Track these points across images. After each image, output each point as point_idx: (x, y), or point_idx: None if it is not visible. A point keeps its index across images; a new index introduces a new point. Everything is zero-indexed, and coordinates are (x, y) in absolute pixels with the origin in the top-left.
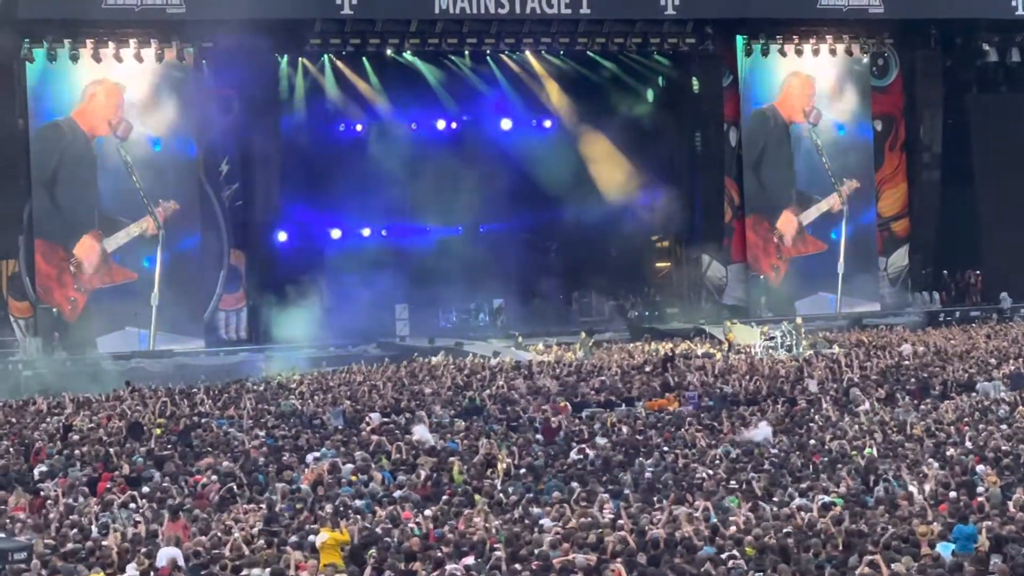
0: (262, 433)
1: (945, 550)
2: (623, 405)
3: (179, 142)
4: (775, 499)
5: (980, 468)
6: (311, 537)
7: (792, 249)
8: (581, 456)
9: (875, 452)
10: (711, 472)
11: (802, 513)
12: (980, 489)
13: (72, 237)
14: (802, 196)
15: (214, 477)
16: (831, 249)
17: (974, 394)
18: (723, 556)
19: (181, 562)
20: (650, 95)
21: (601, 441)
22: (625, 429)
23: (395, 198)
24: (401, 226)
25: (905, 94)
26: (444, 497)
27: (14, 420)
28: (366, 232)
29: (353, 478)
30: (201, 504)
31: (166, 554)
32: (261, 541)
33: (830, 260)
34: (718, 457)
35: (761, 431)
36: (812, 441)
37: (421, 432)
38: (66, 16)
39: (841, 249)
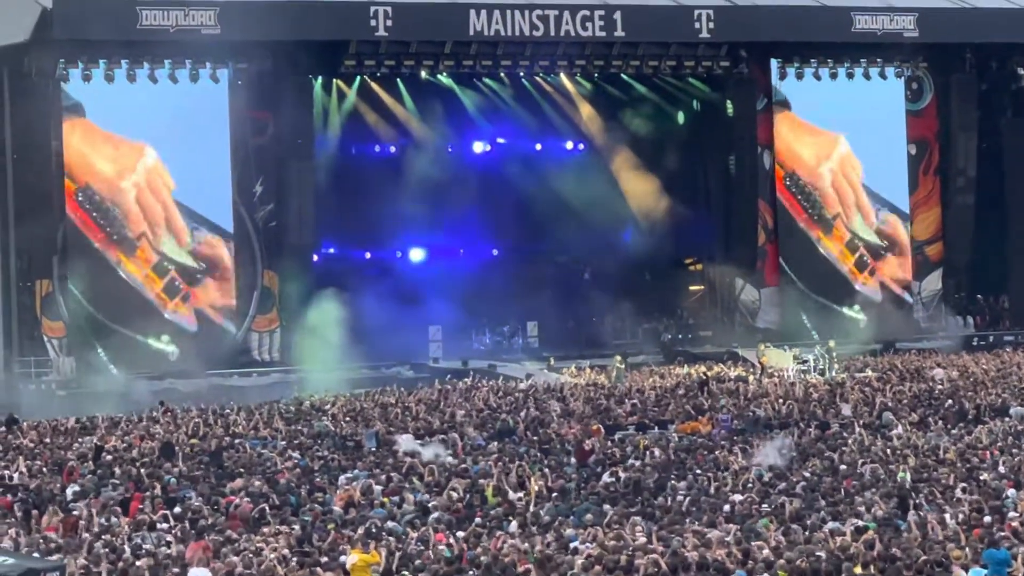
0: (295, 454)
1: (978, 575)
2: (656, 428)
3: (213, 163)
4: (807, 522)
5: (1012, 493)
6: (342, 558)
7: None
8: (613, 479)
9: (908, 476)
10: (743, 495)
11: (835, 537)
12: (1013, 514)
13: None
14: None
15: (247, 498)
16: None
17: (1007, 419)
18: None
19: None
20: (681, 117)
21: (634, 464)
22: (658, 452)
23: (429, 219)
24: (435, 247)
25: (939, 118)
26: (476, 519)
27: (47, 440)
28: (399, 253)
29: (385, 500)
30: (233, 525)
31: (195, 575)
32: (293, 562)
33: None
34: (750, 480)
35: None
36: (845, 465)
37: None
38: (101, 37)
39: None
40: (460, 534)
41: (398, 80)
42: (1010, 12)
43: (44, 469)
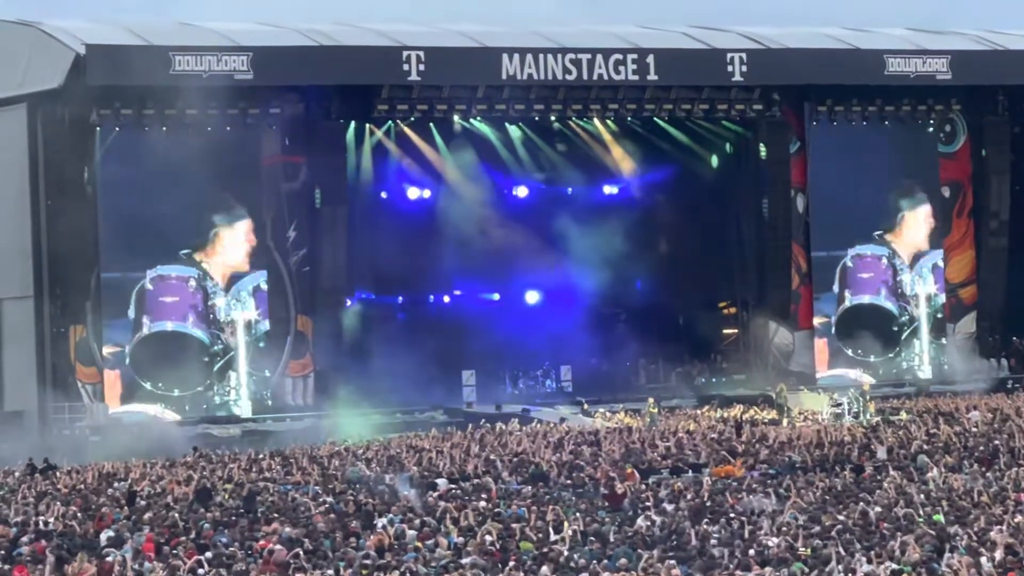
0: (329, 499)
1: None
2: (690, 471)
3: (246, 208)
4: (841, 566)
5: None
6: None
7: None
8: (648, 522)
9: (943, 519)
10: (778, 538)
11: None
12: None
13: None
14: None
15: (279, 544)
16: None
17: None
18: None
19: None
20: (715, 161)
21: (668, 507)
22: (691, 495)
23: (462, 264)
24: (468, 291)
25: (973, 160)
26: (511, 563)
27: (81, 486)
28: (431, 298)
29: (419, 544)
30: (268, 569)
31: None
32: None
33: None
34: (785, 524)
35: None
36: (879, 508)
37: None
38: (135, 83)
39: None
40: None
41: (431, 124)
42: None
43: (77, 515)
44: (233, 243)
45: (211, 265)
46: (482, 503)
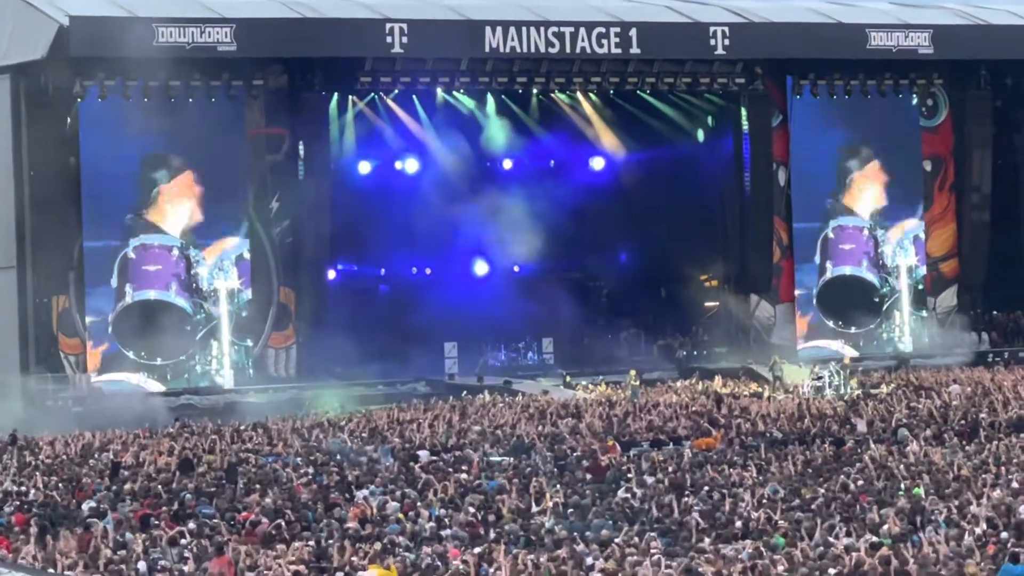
0: (310, 470)
1: None
2: (671, 444)
3: (229, 180)
4: (822, 539)
5: None
6: (360, 574)
7: None
8: (629, 495)
9: (923, 492)
10: (758, 511)
11: (849, 553)
12: None
13: None
14: None
15: (262, 514)
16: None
17: (1023, 435)
18: None
19: None
20: (700, 135)
21: (649, 480)
22: (672, 468)
23: (444, 236)
24: (451, 264)
25: (955, 134)
26: (492, 535)
27: (64, 457)
28: (414, 269)
29: (401, 516)
30: (249, 540)
31: None
32: None
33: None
34: (765, 496)
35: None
36: (860, 481)
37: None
38: (118, 54)
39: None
40: (476, 550)
41: (414, 97)
42: None
43: (59, 485)
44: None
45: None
46: (463, 475)
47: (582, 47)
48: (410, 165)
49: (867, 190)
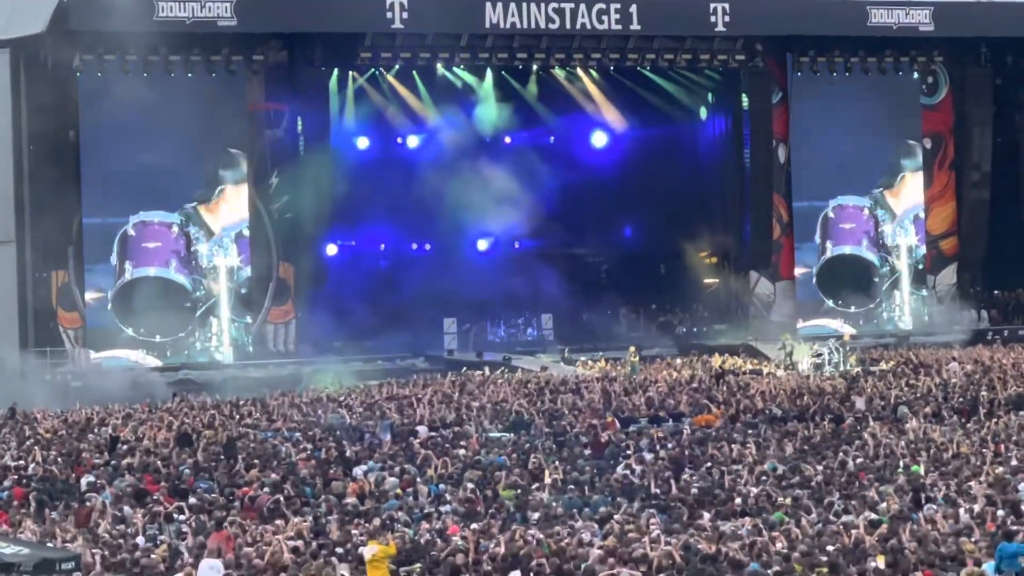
0: (309, 446)
1: (991, 568)
2: (670, 421)
3: (229, 155)
4: (822, 516)
5: (1023, 487)
6: (360, 549)
7: None
8: (628, 471)
9: (922, 470)
10: (757, 488)
11: (849, 530)
12: None
13: None
14: None
15: (264, 489)
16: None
17: (1022, 413)
18: (769, 572)
19: (221, 573)
20: (703, 112)
21: (648, 456)
22: (672, 444)
23: (445, 212)
24: (451, 239)
25: (955, 112)
26: (491, 511)
27: (64, 432)
28: (415, 245)
29: (399, 491)
30: (248, 516)
31: (206, 565)
32: (308, 553)
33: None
34: (765, 473)
35: None
36: (859, 459)
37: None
38: (118, 28)
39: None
40: (474, 526)
41: (414, 72)
42: None
43: (59, 459)
44: (232, 196)
45: (208, 217)
46: (462, 451)
47: (582, 23)
48: (410, 141)
49: (868, 169)
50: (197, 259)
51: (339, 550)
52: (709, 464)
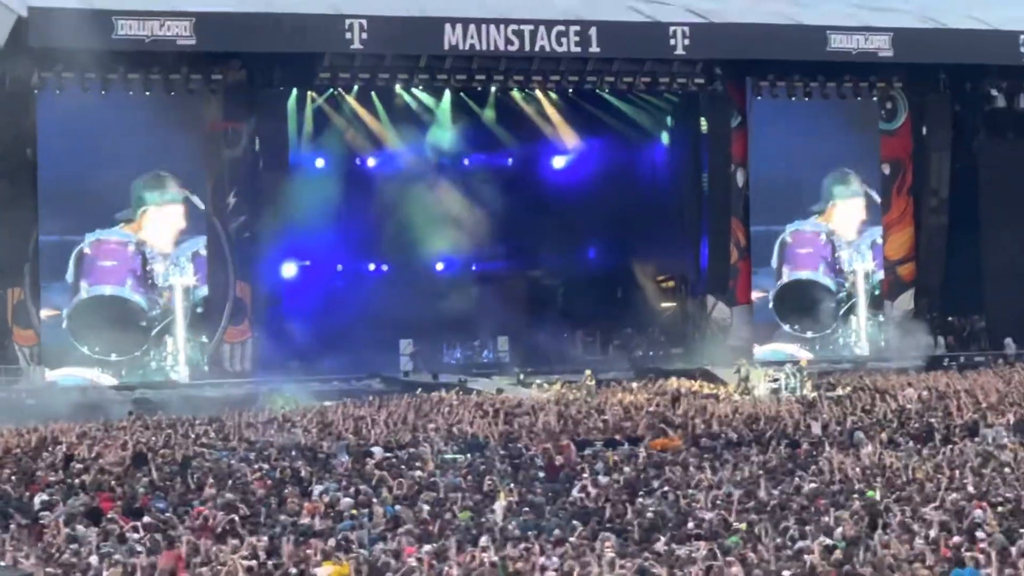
0: (265, 466)
1: None
2: (626, 444)
3: (187, 174)
4: (777, 541)
5: (979, 513)
6: (314, 570)
7: None
8: (583, 494)
9: (878, 495)
10: (713, 512)
11: (804, 555)
12: (980, 535)
13: None
14: None
15: (216, 509)
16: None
17: (977, 439)
18: None
19: None
20: (665, 138)
21: (604, 480)
22: (628, 468)
23: (403, 233)
24: (408, 261)
25: (913, 138)
26: (447, 533)
27: (18, 450)
28: (372, 266)
29: (354, 512)
30: (203, 535)
31: None
32: (263, 574)
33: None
34: (720, 497)
35: None
36: (814, 483)
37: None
38: (76, 46)
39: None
40: (428, 548)
41: (372, 93)
42: (984, 34)
43: (12, 478)
44: (163, 218)
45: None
46: (418, 472)
47: (541, 45)
48: (369, 161)
49: (817, 194)
50: (153, 278)
51: (293, 570)
52: (665, 488)
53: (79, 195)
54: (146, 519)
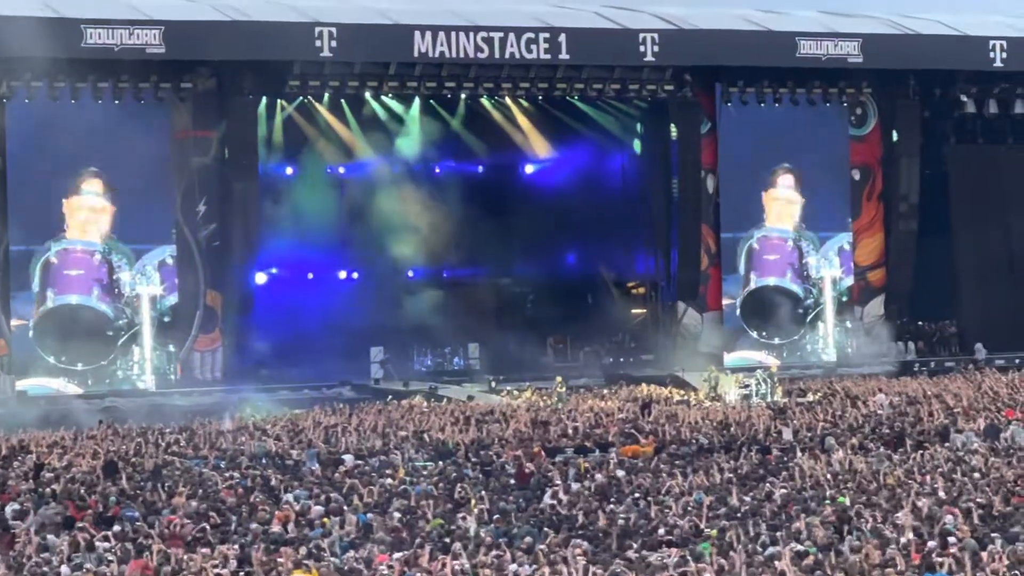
0: (235, 474)
1: None
2: (597, 451)
3: (157, 182)
4: (748, 547)
5: (950, 518)
6: None
7: None
8: (554, 501)
9: (848, 501)
10: (684, 519)
11: (775, 561)
12: (952, 540)
13: None
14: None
15: (186, 518)
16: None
17: (948, 444)
18: None
19: None
20: (637, 145)
21: (575, 486)
22: (598, 475)
23: (373, 241)
24: (378, 268)
25: (883, 144)
26: (417, 540)
27: None
28: (342, 274)
29: (325, 520)
30: (174, 544)
31: None
32: None
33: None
34: (691, 504)
35: None
36: (785, 489)
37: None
38: (45, 54)
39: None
40: (398, 555)
41: (342, 101)
42: (953, 39)
43: None
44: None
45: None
46: (389, 480)
47: (511, 52)
48: (339, 169)
49: (794, 200)
50: (119, 287)
51: None
52: (636, 494)
53: (47, 204)
54: (116, 528)
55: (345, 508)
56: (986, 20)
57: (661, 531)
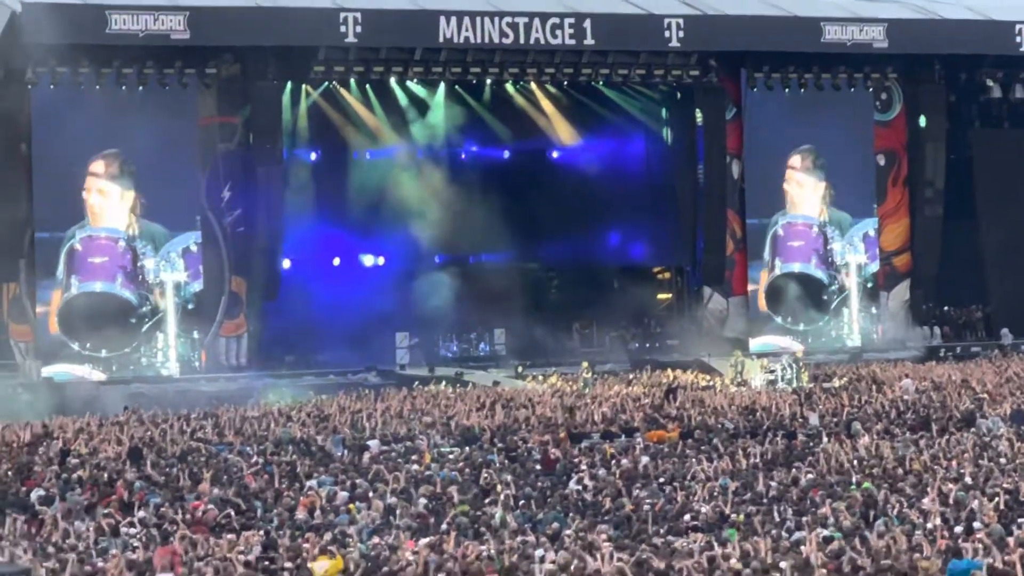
0: (260, 460)
1: None
2: (623, 436)
3: (182, 168)
4: (774, 532)
5: (977, 504)
6: (309, 564)
7: None
8: (580, 487)
9: (874, 486)
10: (710, 504)
11: (801, 547)
12: (977, 524)
13: None
14: None
15: (211, 504)
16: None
17: (974, 429)
18: None
19: None
20: (666, 132)
21: (600, 472)
22: (624, 460)
23: (398, 226)
24: (404, 254)
25: (908, 129)
26: (443, 526)
27: (14, 444)
28: (368, 260)
29: (351, 506)
30: (199, 530)
31: None
32: (260, 568)
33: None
34: (716, 489)
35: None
36: (811, 475)
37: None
38: (70, 40)
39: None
40: (424, 541)
41: (367, 86)
42: (978, 24)
43: (9, 473)
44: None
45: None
46: (414, 466)
47: (536, 38)
48: (364, 155)
49: (819, 186)
50: (144, 274)
51: (289, 565)
52: (661, 480)
53: (73, 190)
54: (142, 514)
55: (371, 494)
56: (1012, 4)
57: (687, 517)
